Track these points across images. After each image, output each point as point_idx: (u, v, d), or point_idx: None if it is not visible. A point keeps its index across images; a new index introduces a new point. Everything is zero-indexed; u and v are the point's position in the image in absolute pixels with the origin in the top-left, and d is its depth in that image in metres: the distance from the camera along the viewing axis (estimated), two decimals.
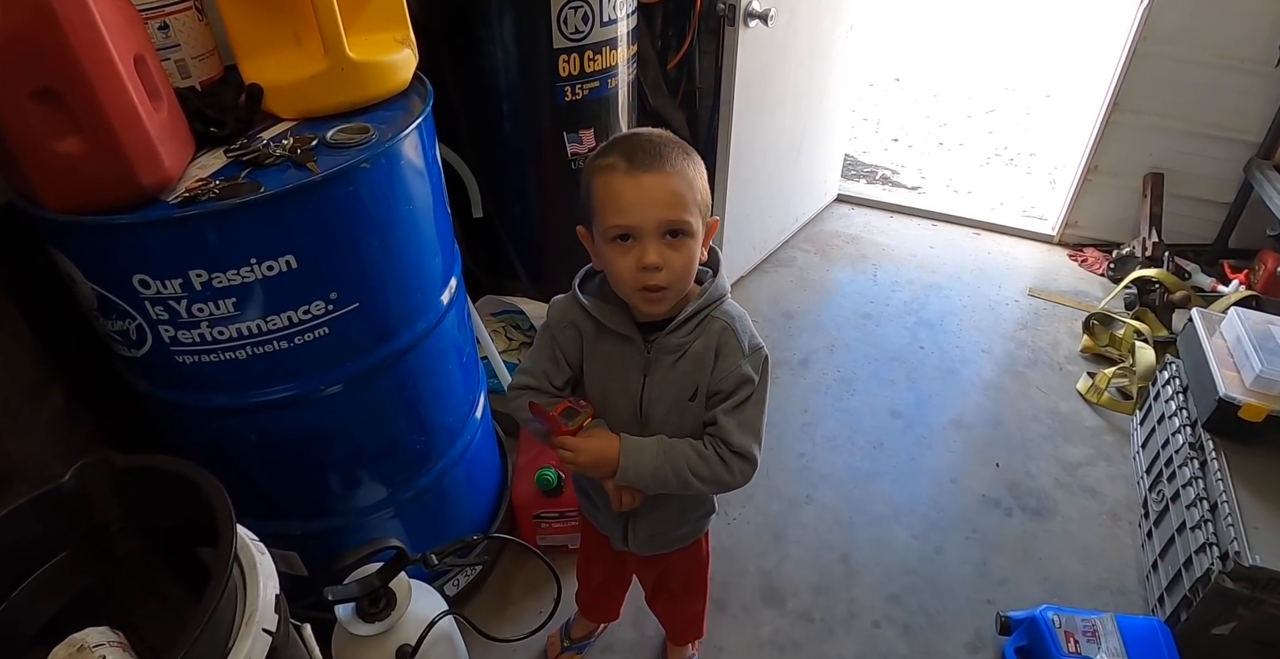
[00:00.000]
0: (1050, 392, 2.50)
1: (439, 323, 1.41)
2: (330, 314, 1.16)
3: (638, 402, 1.09)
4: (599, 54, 1.82)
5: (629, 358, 1.08)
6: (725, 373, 1.05)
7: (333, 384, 1.26)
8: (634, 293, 1.00)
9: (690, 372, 1.06)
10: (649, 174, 0.95)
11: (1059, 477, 2.20)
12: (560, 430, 1.06)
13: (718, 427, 1.06)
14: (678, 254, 0.97)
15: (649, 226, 0.95)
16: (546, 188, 2.04)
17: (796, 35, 2.48)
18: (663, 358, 1.06)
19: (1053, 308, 2.92)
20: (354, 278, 1.17)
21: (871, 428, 2.31)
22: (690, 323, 1.04)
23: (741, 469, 1.07)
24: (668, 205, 0.95)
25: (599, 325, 1.07)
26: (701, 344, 1.05)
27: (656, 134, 1.00)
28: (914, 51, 6.06)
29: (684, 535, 1.31)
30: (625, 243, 0.97)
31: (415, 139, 1.22)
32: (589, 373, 1.12)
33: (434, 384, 1.47)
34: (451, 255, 1.48)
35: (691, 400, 1.08)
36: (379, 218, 1.17)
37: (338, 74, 1.19)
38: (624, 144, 0.99)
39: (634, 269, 0.97)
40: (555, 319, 1.12)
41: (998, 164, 4.17)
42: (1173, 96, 2.90)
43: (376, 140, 1.14)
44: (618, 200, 0.96)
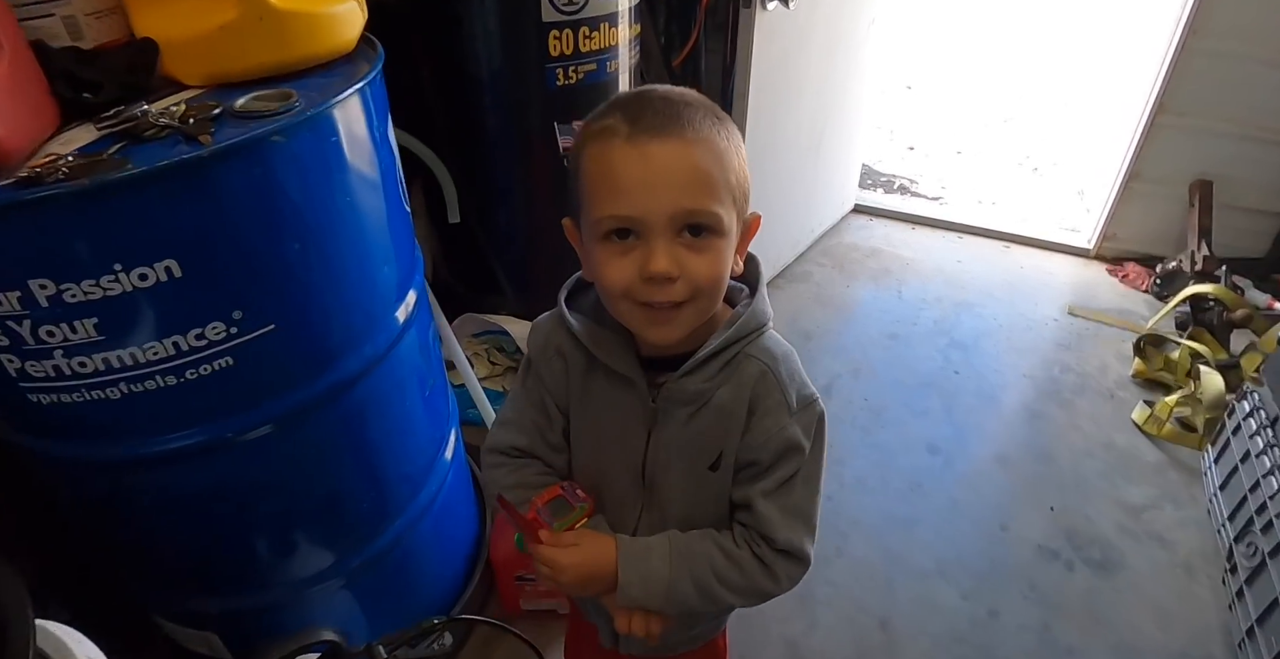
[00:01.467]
0: (1103, 422, 2.22)
1: (393, 346, 1.12)
2: (234, 339, 0.87)
3: (639, 466, 0.81)
4: (596, 31, 1.55)
5: (629, 406, 0.79)
6: (764, 437, 0.76)
7: (250, 429, 0.97)
8: (633, 312, 0.71)
9: (712, 430, 0.77)
10: (661, 141, 0.65)
11: (1122, 522, 1.91)
12: (537, 536, 0.77)
13: (754, 515, 0.77)
14: (700, 259, 0.68)
15: (658, 219, 0.66)
16: (535, 189, 1.76)
17: (816, 24, 2.23)
18: (674, 410, 0.77)
19: (1096, 328, 2.64)
20: (266, 291, 0.88)
21: (906, 466, 2.02)
22: (714, 362, 0.75)
23: (789, 573, 0.79)
24: (686, 188, 0.66)
25: (590, 358, 0.78)
26: (730, 393, 0.76)
27: (675, 91, 0.70)
28: (924, 58, 5.83)
29: (694, 637, 0.99)
30: (623, 242, 0.68)
31: (356, 109, 0.95)
32: (576, 422, 0.84)
33: (389, 423, 1.18)
34: (411, 261, 1.20)
35: (713, 470, 0.79)
36: (301, 211, 0.89)
37: (254, 25, 0.91)
38: (629, 102, 0.69)
39: (634, 279, 0.68)
40: (537, 348, 0.83)
41: (1021, 173, 3.92)
42: (1224, 97, 2.65)
43: (298, 108, 0.86)
44: (614, 178, 0.66)
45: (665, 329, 0.71)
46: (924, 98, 5.02)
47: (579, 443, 0.85)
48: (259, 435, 0.99)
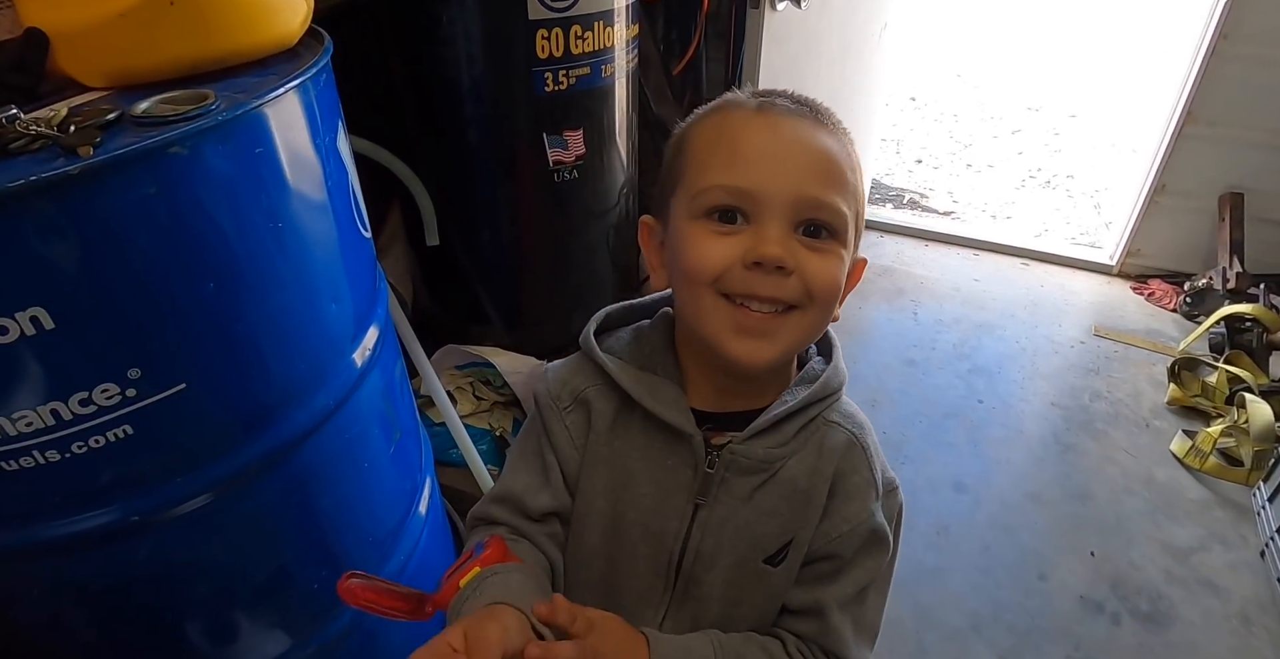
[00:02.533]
0: (1140, 455, 2.05)
1: (350, 395, 0.94)
2: (133, 404, 0.69)
3: (675, 553, 0.64)
4: (590, 30, 1.38)
5: (673, 472, 0.63)
6: (848, 524, 0.62)
7: (164, 508, 0.79)
8: (718, 312, 0.57)
9: (777, 512, 0.63)
10: (794, 119, 0.57)
11: (1169, 567, 1.74)
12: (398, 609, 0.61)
13: (824, 626, 0.62)
14: (820, 262, 0.56)
15: (778, 200, 0.55)
16: (523, 208, 1.59)
17: (829, 27, 2.08)
18: (735, 480, 0.62)
19: (1124, 350, 2.47)
20: (172, 343, 0.70)
21: (932, 507, 1.85)
22: (791, 423, 0.61)
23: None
24: (815, 171, 0.56)
25: (624, 402, 0.63)
26: (805, 465, 0.63)
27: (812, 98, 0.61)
28: (928, 69, 5.71)
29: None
30: (727, 224, 0.56)
31: (292, 113, 0.77)
32: (587, 492, 0.66)
33: (346, 484, 1.00)
34: (371, 293, 1.03)
35: (773, 563, 0.63)
36: (216, 240, 0.71)
37: (164, 12, 0.74)
38: (759, 90, 0.61)
39: (734, 262, 0.55)
40: (550, 394, 0.67)
41: (1033, 186, 3.76)
42: (1256, 105, 2.51)
43: (213, 111, 0.68)
44: (735, 145, 0.57)
45: (758, 343, 0.57)
46: (930, 109, 4.88)
47: (587, 519, 0.66)
48: (177, 515, 0.81)
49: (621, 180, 1.66)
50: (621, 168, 1.66)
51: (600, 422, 0.65)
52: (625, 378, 0.63)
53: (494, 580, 0.59)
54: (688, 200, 0.58)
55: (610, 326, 0.70)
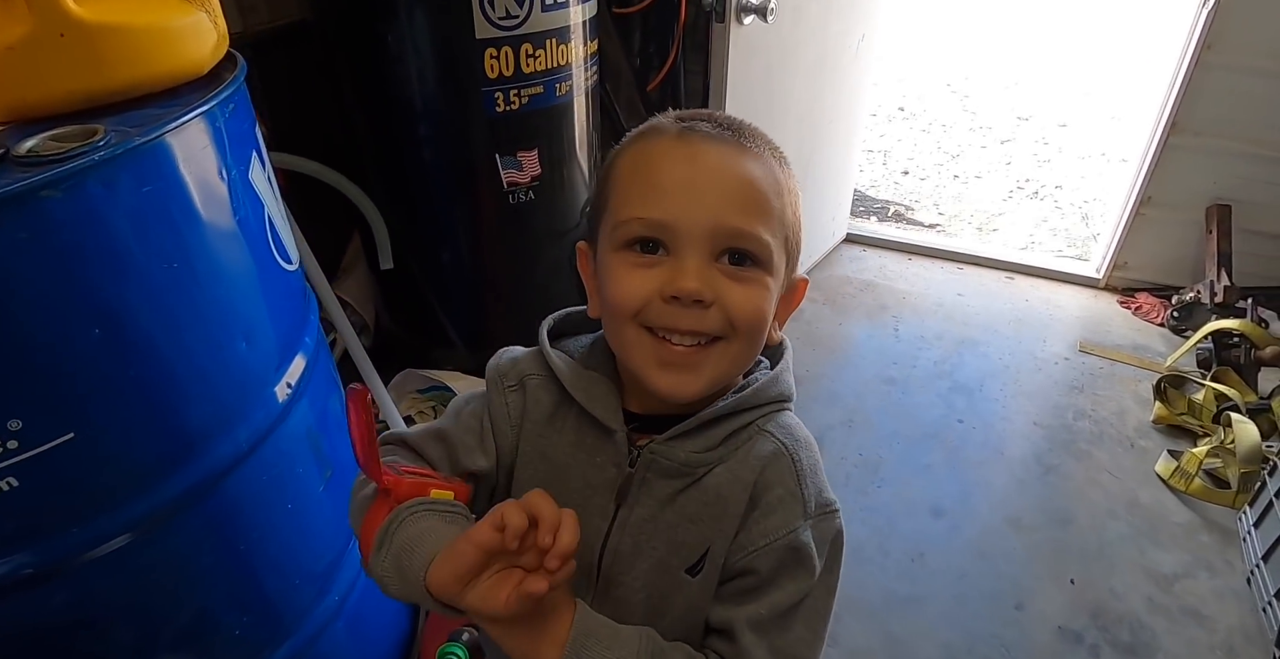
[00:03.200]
0: (1124, 476, 2.00)
1: (272, 430, 0.91)
2: (16, 456, 0.66)
3: (597, 551, 0.63)
4: (541, 48, 1.35)
5: (598, 466, 0.62)
6: (765, 539, 0.59)
7: (61, 559, 0.75)
8: (641, 345, 0.57)
9: (698, 519, 0.61)
10: (715, 145, 0.55)
11: (1152, 595, 1.68)
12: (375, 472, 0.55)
13: (736, 649, 0.58)
14: (741, 290, 0.55)
15: (695, 230, 0.54)
16: (480, 229, 1.56)
17: (801, 40, 2.03)
18: (655, 482, 0.61)
19: (1110, 366, 2.43)
20: (55, 392, 0.67)
21: (908, 532, 1.79)
22: (718, 429, 0.60)
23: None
24: (736, 201, 0.54)
25: (562, 397, 0.64)
26: (730, 473, 0.60)
27: (740, 119, 0.60)
28: (916, 79, 5.68)
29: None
30: (647, 255, 0.55)
31: (191, 146, 0.74)
32: (523, 478, 0.66)
33: (271, 521, 0.97)
34: (298, 323, 0.99)
35: (692, 573, 0.61)
36: (100, 285, 0.67)
37: (54, 43, 0.70)
38: (690, 112, 0.59)
39: (652, 295, 0.54)
40: (498, 371, 0.67)
41: (1021, 197, 3.72)
42: (1243, 115, 2.46)
43: (93, 149, 0.65)
44: (652, 176, 0.55)
45: (683, 377, 0.57)
46: (918, 119, 4.85)
47: None
48: (89, 559, 0.77)
49: (583, 199, 1.63)
50: (584, 186, 1.63)
51: (538, 412, 0.65)
52: (565, 372, 0.63)
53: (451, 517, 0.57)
54: (610, 230, 0.57)
55: (573, 325, 0.70)
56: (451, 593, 0.49)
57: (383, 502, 0.56)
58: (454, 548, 0.49)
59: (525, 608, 0.48)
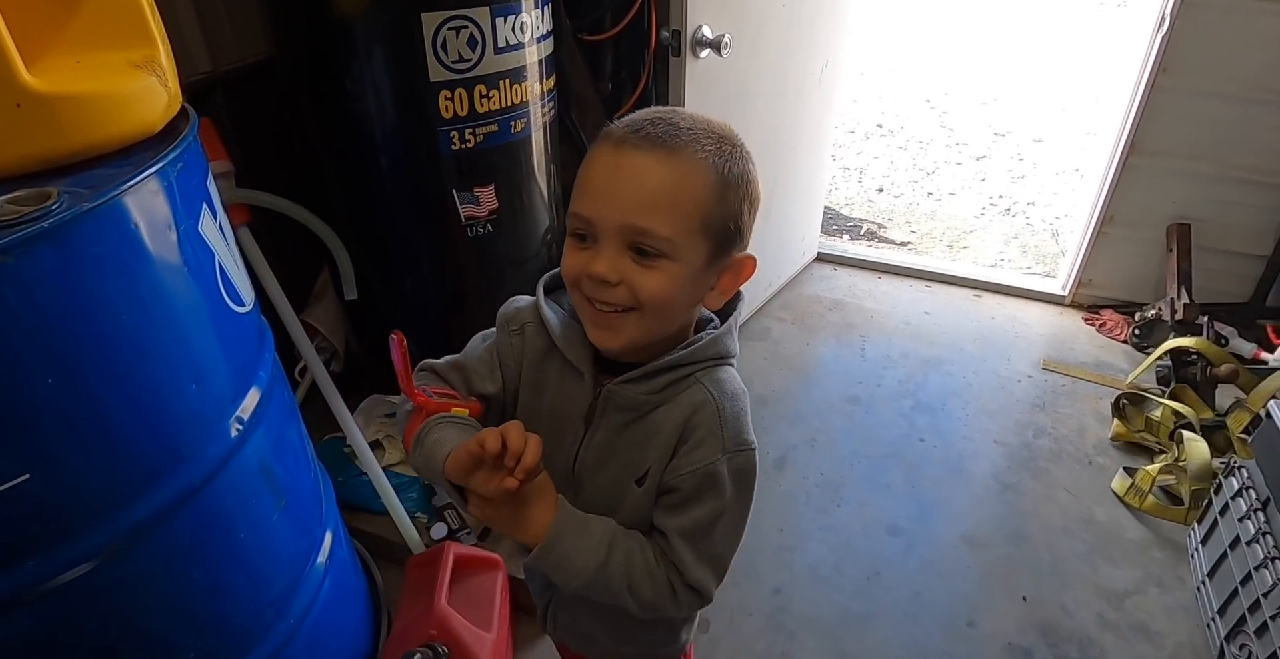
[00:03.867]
0: (1081, 493, 2.05)
1: (225, 463, 0.96)
2: None
3: (571, 460, 0.81)
4: (495, 89, 1.40)
5: (574, 398, 0.80)
6: (689, 466, 0.75)
7: (16, 592, 0.80)
8: (582, 307, 0.74)
9: (642, 445, 0.77)
10: (639, 153, 0.67)
11: (1102, 612, 1.73)
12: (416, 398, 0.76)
13: (670, 548, 0.77)
14: (645, 275, 0.69)
15: (606, 227, 0.68)
16: (441, 260, 1.61)
17: (761, 70, 2.09)
18: (613, 413, 0.78)
19: (1072, 384, 2.48)
20: (11, 438, 0.72)
21: (865, 551, 1.84)
22: (661, 377, 0.75)
23: (689, 603, 0.79)
24: (639, 205, 0.67)
25: (549, 346, 0.80)
26: (667, 414, 0.76)
27: (704, 121, 0.71)
28: (896, 96, 5.76)
29: (621, 654, 0.99)
30: (583, 242, 0.71)
31: (141, 205, 0.79)
32: (524, 403, 0.85)
33: (224, 551, 1.01)
34: (251, 359, 1.04)
35: (638, 484, 0.79)
36: (52, 339, 0.72)
37: (10, 113, 0.75)
38: (649, 114, 0.71)
39: (581, 273, 0.70)
40: (505, 318, 0.85)
41: (994, 214, 3.79)
42: (1198, 136, 2.53)
43: (41, 216, 0.70)
44: (586, 179, 0.70)
45: (606, 334, 0.73)
46: (896, 136, 4.92)
47: None
48: (44, 590, 0.81)
49: (543, 228, 1.68)
50: (545, 215, 1.68)
51: (534, 352, 0.82)
52: (553, 323, 0.78)
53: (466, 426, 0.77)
54: (568, 218, 0.72)
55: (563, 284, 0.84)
56: (456, 479, 0.68)
57: (417, 415, 0.76)
58: (457, 451, 0.67)
59: (504, 495, 0.67)
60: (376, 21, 1.32)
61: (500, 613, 1.45)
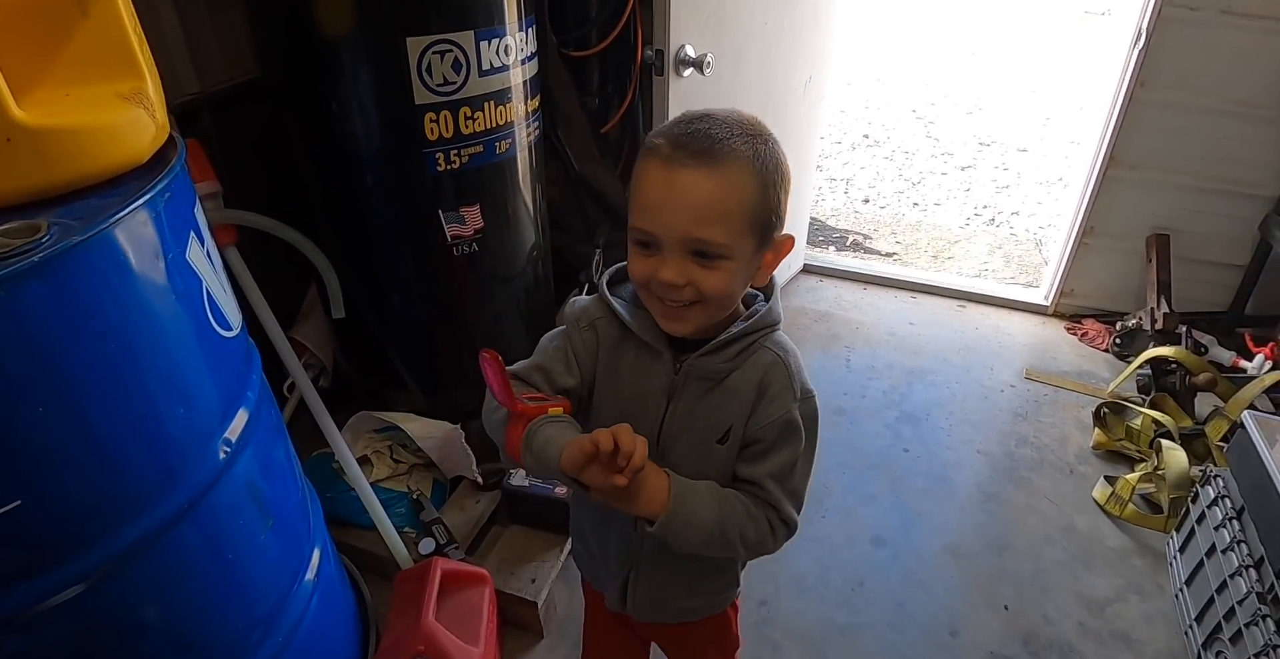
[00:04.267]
0: (1062, 502, 2.08)
1: (211, 488, 0.97)
2: None
3: (656, 431, 0.90)
4: (479, 111, 1.43)
5: (654, 376, 0.89)
6: (770, 417, 0.86)
7: (14, 611, 0.81)
8: (651, 302, 0.84)
9: (724, 407, 0.87)
10: (688, 170, 0.75)
11: (1083, 620, 1.76)
12: (517, 408, 0.82)
13: (764, 491, 0.87)
14: (709, 275, 0.78)
15: (669, 238, 0.77)
16: (427, 278, 1.63)
17: (745, 86, 2.13)
18: (693, 384, 0.88)
19: (1054, 393, 2.52)
20: (4, 467, 0.73)
21: (850, 562, 1.86)
22: (733, 347, 0.85)
23: (783, 536, 0.90)
24: (697, 217, 0.76)
25: (624, 331, 0.89)
26: (743, 377, 0.87)
27: (734, 120, 0.78)
28: (883, 106, 5.81)
29: (696, 608, 1.08)
30: (647, 249, 0.80)
31: (130, 236, 0.81)
32: (602, 389, 0.93)
33: (210, 571, 1.02)
34: (237, 383, 1.05)
35: (720, 443, 0.88)
36: (43, 370, 0.74)
37: (2, 147, 0.77)
38: (684, 123, 0.78)
39: (650, 277, 0.80)
40: (574, 316, 0.93)
41: (979, 224, 3.83)
42: (1176, 148, 2.58)
43: (32, 250, 0.71)
44: (643, 196, 0.79)
45: (675, 324, 0.83)
46: (883, 147, 4.97)
47: (601, 410, 0.93)
48: (39, 612, 0.83)
49: (529, 245, 1.70)
50: (531, 233, 1.70)
51: (607, 342, 0.90)
52: (624, 313, 0.88)
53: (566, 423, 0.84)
54: (629, 228, 0.81)
55: (621, 274, 0.92)
56: (572, 473, 0.75)
57: (518, 421, 0.82)
58: (571, 447, 0.74)
59: (616, 488, 0.74)
60: (362, 45, 1.34)
61: (488, 628, 1.47)
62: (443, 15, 1.32)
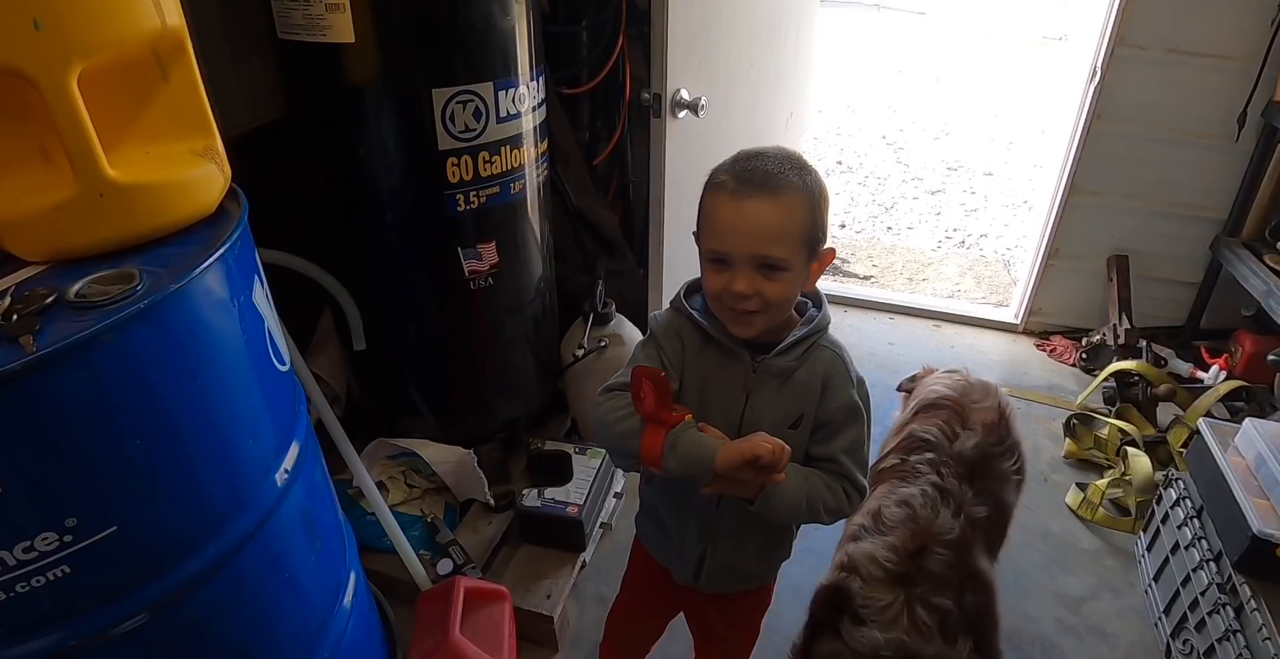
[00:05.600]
0: (1038, 509, 2.20)
1: (272, 512, 1.05)
2: (70, 547, 0.80)
3: (737, 422, 1.05)
4: (496, 155, 1.54)
5: (733, 375, 1.04)
6: (837, 403, 1.04)
7: (101, 630, 0.89)
8: (723, 311, 1.00)
9: (795, 398, 1.03)
10: (753, 200, 0.92)
11: (1062, 617, 1.88)
12: (667, 418, 0.95)
13: (840, 466, 1.04)
14: (772, 284, 0.95)
15: (741, 256, 0.94)
16: (444, 311, 1.72)
17: (732, 125, 2.26)
18: (768, 380, 1.03)
19: (1027, 406, 2.66)
20: (104, 494, 0.82)
21: None
22: (798, 348, 1.01)
23: (857, 500, 1.06)
24: (764, 238, 0.93)
25: (705, 337, 1.04)
26: (808, 372, 1.03)
27: (782, 156, 0.96)
28: (855, 133, 6.02)
29: (757, 575, 1.25)
30: (719, 266, 0.97)
31: (211, 283, 0.90)
32: (689, 387, 1.07)
33: (270, 592, 1.10)
34: (291, 415, 1.14)
35: (792, 428, 1.04)
36: (140, 406, 0.82)
37: (94, 202, 0.86)
38: (743, 161, 0.96)
39: (724, 290, 0.96)
40: (661, 328, 1.08)
41: (949, 247, 4.00)
42: (1132, 175, 2.76)
43: (139, 293, 0.81)
44: (717, 223, 0.95)
45: (743, 328, 0.99)
46: (855, 173, 5.14)
47: (688, 403, 1.05)
48: (112, 636, 0.90)
49: (538, 278, 1.80)
50: (539, 266, 1.81)
51: (691, 347, 1.05)
52: (704, 323, 1.03)
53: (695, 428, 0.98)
54: (701, 249, 0.98)
55: (695, 288, 1.07)
56: (726, 472, 0.93)
57: (657, 430, 0.94)
58: (730, 453, 0.92)
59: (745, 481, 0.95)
60: (389, 94, 1.44)
61: (509, 643, 1.54)
62: (466, 68, 1.43)
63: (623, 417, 1.00)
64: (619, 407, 1.02)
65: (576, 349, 1.94)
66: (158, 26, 0.91)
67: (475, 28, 1.44)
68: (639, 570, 1.37)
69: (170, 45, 0.95)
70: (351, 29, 1.37)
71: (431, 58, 1.41)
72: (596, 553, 1.88)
